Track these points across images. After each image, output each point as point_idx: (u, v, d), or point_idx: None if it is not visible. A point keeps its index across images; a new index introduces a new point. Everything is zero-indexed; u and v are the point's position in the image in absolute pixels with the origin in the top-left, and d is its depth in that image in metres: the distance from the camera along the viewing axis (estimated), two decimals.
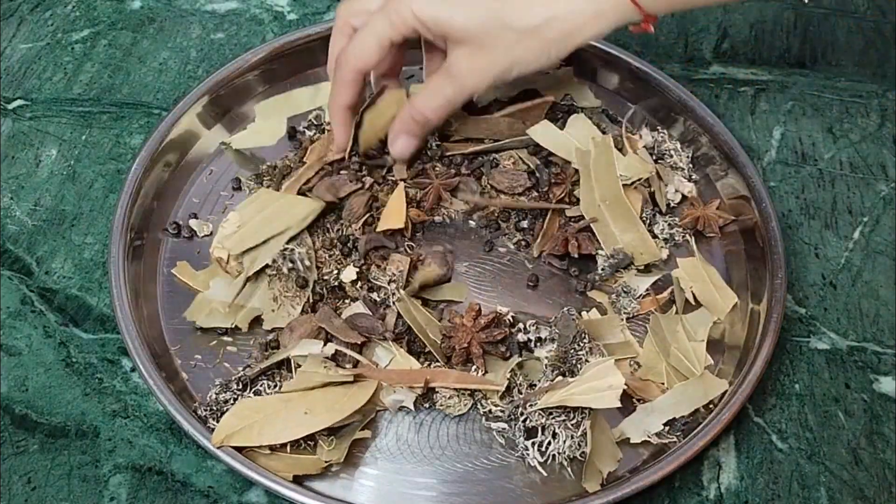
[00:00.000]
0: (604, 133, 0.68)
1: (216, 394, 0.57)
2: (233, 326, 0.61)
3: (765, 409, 0.60)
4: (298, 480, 0.55)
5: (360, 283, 0.62)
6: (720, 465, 0.58)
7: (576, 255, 0.63)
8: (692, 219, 0.65)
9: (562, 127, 0.67)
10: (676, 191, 0.67)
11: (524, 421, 0.57)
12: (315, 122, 0.71)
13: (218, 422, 0.55)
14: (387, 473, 0.57)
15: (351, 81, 0.61)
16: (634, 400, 0.58)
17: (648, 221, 0.65)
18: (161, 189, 0.68)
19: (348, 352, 0.58)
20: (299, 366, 0.58)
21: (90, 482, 0.56)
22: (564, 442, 0.56)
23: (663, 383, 0.59)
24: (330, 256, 0.63)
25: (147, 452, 0.58)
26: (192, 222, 0.67)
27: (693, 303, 0.62)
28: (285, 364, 0.59)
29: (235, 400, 0.57)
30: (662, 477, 0.54)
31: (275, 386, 0.58)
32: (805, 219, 0.69)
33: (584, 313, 0.62)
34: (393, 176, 0.67)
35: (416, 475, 0.57)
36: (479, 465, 0.57)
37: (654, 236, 0.65)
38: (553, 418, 0.56)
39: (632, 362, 0.61)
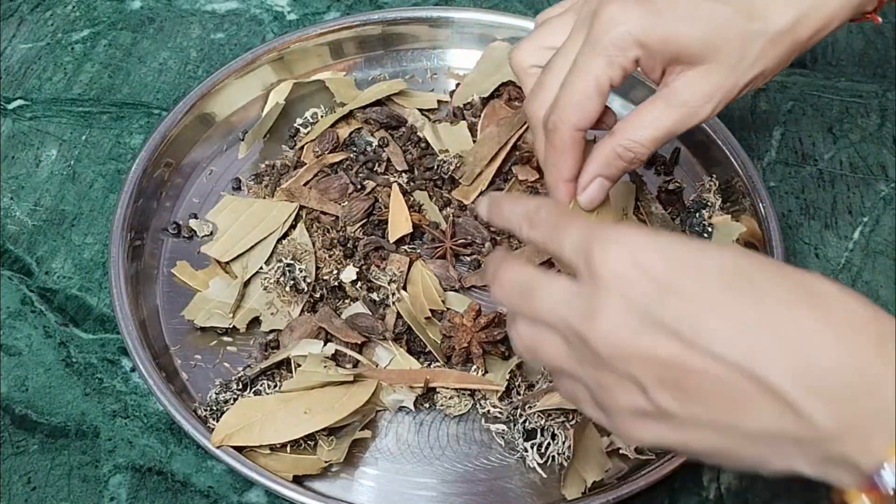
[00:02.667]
0: None
1: (216, 394, 0.57)
2: (231, 327, 0.61)
3: None
4: (298, 480, 0.55)
5: (360, 283, 0.62)
6: (720, 465, 0.58)
7: None
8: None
9: None
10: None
11: (523, 422, 0.57)
12: (311, 121, 0.72)
13: (218, 422, 0.55)
14: (387, 473, 0.57)
15: (571, 145, 0.49)
16: None
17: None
18: (161, 189, 0.68)
19: (348, 352, 0.58)
20: (299, 366, 0.58)
21: (90, 482, 0.56)
22: (564, 443, 0.56)
23: None
24: (330, 257, 0.63)
25: (147, 452, 0.58)
26: (192, 222, 0.67)
27: None
28: (285, 364, 0.59)
29: (235, 400, 0.57)
30: (662, 477, 0.54)
31: (275, 386, 0.58)
32: (805, 219, 0.69)
33: None
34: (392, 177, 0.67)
35: (416, 475, 0.57)
36: (479, 465, 0.57)
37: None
38: (552, 419, 0.56)
39: None
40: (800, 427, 0.36)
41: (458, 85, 0.74)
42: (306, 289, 0.61)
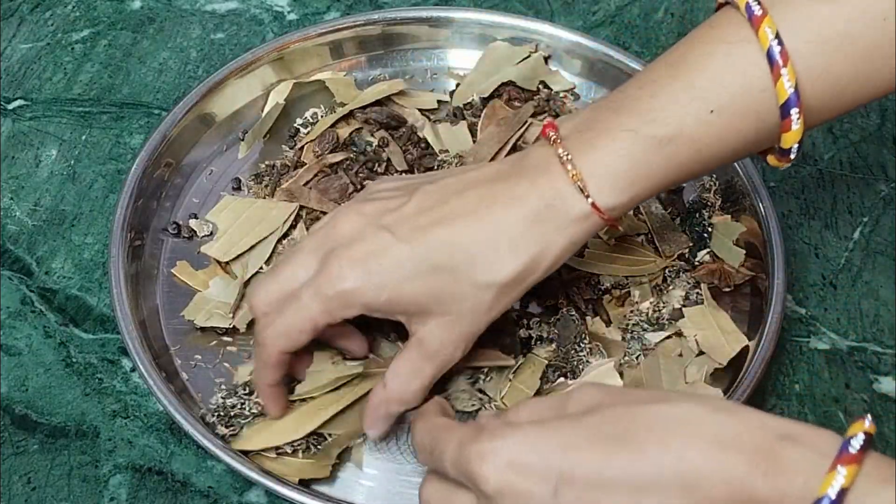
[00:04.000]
0: None
1: (223, 398, 0.57)
2: (231, 327, 0.61)
3: (765, 410, 0.60)
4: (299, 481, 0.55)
5: None
6: None
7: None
8: (708, 271, 0.63)
9: None
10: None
11: None
12: (311, 121, 0.72)
13: (227, 427, 0.56)
14: (387, 473, 0.57)
15: (275, 364, 0.53)
16: None
17: (674, 275, 0.63)
18: (161, 189, 0.68)
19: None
20: None
21: (90, 482, 0.56)
22: None
23: None
24: None
25: (147, 452, 0.58)
26: (192, 222, 0.67)
27: (695, 350, 0.61)
28: None
29: (242, 404, 0.57)
30: None
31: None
32: (805, 219, 0.69)
33: (587, 318, 0.62)
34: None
35: (416, 475, 0.57)
36: None
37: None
38: None
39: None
40: None
41: (458, 85, 0.74)
42: None
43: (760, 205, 0.64)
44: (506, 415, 0.45)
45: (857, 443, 0.37)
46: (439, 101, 0.73)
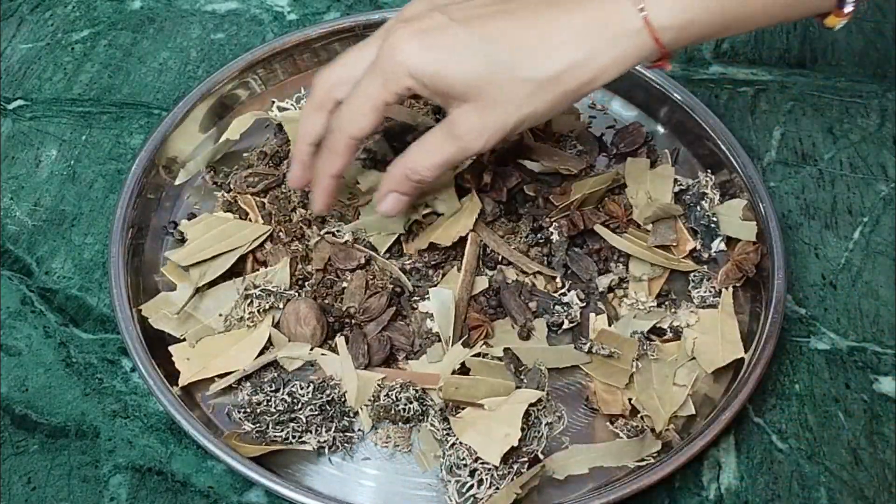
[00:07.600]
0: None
1: (248, 395, 0.58)
2: (181, 338, 0.60)
3: (765, 410, 0.60)
4: (298, 480, 0.55)
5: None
6: (720, 466, 0.58)
7: (582, 228, 0.63)
8: (725, 274, 0.63)
9: None
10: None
11: (448, 454, 0.56)
12: (298, 107, 0.71)
13: (253, 423, 0.56)
14: (387, 473, 0.57)
15: (344, 150, 0.55)
16: (594, 409, 0.59)
17: (699, 282, 0.63)
18: (161, 189, 0.68)
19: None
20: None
21: (90, 482, 0.56)
22: (489, 488, 0.55)
23: (631, 398, 0.59)
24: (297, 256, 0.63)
25: (147, 452, 0.58)
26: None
27: (690, 354, 0.61)
28: None
29: (269, 401, 0.57)
30: (662, 477, 0.54)
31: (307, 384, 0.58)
32: (805, 219, 0.69)
33: (592, 315, 0.62)
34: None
35: (416, 475, 0.57)
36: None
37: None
38: (481, 462, 0.55)
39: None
40: None
41: None
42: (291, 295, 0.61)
43: (760, 205, 0.64)
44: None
45: None
46: None
